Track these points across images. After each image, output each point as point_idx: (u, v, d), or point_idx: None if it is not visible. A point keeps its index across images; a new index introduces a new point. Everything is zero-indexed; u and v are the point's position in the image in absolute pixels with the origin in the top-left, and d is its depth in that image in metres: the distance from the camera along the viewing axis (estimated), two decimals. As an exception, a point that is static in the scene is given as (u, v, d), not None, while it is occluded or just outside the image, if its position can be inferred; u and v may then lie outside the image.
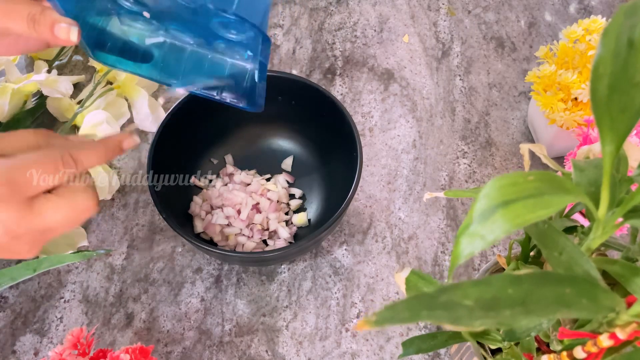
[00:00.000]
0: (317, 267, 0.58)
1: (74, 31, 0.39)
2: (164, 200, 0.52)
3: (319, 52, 0.75)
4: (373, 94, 0.71)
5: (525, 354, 0.35)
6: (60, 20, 0.38)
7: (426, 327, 0.55)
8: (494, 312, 0.21)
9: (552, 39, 0.77)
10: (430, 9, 0.79)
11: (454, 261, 0.24)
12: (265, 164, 0.63)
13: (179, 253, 0.59)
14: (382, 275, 0.58)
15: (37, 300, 0.56)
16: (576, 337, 0.29)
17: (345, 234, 0.60)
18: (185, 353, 0.53)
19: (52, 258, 0.49)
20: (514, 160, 0.66)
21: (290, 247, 0.50)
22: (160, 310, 0.56)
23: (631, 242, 0.33)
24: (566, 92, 0.58)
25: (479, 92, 0.72)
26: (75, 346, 0.45)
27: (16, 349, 0.53)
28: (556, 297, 0.22)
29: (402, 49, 0.75)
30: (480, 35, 0.77)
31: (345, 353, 0.53)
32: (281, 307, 0.56)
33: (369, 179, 0.64)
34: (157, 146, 0.54)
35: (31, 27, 0.38)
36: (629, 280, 0.27)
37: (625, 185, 0.30)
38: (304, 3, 0.79)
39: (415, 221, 0.61)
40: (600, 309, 0.24)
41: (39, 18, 0.38)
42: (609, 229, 0.28)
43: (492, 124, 0.69)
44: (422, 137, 0.67)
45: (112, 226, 0.61)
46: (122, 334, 0.54)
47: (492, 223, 0.23)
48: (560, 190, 0.24)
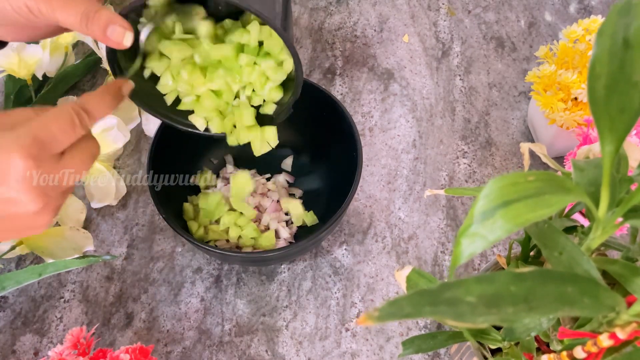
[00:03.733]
0: (317, 267, 0.58)
1: (128, 36, 0.38)
2: (164, 200, 0.52)
3: (318, 52, 0.75)
4: (373, 94, 0.71)
5: (525, 353, 0.35)
6: (116, 22, 0.38)
7: (426, 327, 0.55)
8: (496, 308, 0.21)
9: (552, 39, 0.77)
10: (430, 9, 0.79)
11: (455, 261, 0.24)
12: (265, 163, 0.63)
13: (179, 253, 0.59)
14: (382, 275, 0.58)
15: (37, 300, 0.56)
16: (576, 336, 0.29)
17: (345, 234, 0.60)
18: (185, 353, 0.53)
19: (58, 263, 0.49)
20: (514, 160, 0.66)
21: (290, 247, 0.50)
22: (160, 310, 0.56)
23: (631, 242, 0.33)
24: (566, 92, 0.58)
25: (479, 92, 0.72)
26: (75, 346, 0.45)
27: (16, 349, 0.53)
28: (558, 295, 0.22)
29: (402, 49, 0.75)
30: (480, 35, 0.77)
31: (345, 353, 0.53)
32: (281, 307, 0.56)
33: (369, 179, 0.64)
34: (157, 146, 0.54)
35: (84, 24, 0.37)
36: (629, 280, 0.27)
37: (625, 185, 0.30)
38: (304, 3, 0.79)
39: (415, 221, 0.61)
40: (602, 307, 0.24)
41: (93, 16, 0.37)
42: (609, 229, 0.28)
43: (492, 124, 0.69)
44: (422, 137, 0.67)
45: (112, 226, 0.61)
46: (122, 333, 0.54)
47: (492, 223, 0.23)
48: (561, 190, 0.24)
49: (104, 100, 0.38)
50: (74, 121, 0.35)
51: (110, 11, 0.38)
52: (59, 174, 0.35)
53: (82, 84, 0.71)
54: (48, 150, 0.34)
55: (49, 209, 0.36)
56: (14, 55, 0.61)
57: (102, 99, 0.38)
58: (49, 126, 0.34)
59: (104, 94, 0.39)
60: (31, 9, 0.37)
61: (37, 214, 0.35)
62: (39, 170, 0.34)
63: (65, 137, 0.35)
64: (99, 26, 0.37)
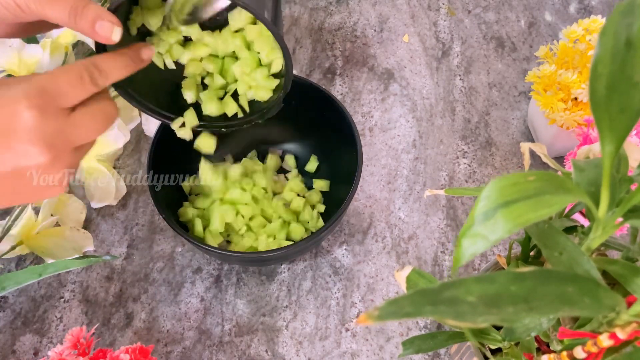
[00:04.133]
0: (317, 267, 0.58)
1: (117, 31, 0.38)
2: (164, 200, 0.52)
3: (319, 52, 0.75)
4: (373, 94, 0.71)
5: (525, 354, 0.35)
6: (104, 17, 0.37)
7: (426, 327, 0.55)
8: (496, 308, 0.21)
9: (552, 39, 0.77)
10: (430, 9, 0.79)
11: (457, 262, 0.24)
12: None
13: (179, 253, 0.59)
14: (382, 275, 0.58)
15: (37, 300, 0.56)
16: (576, 337, 0.29)
17: (345, 234, 0.60)
18: (185, 353, 0.53)
19: (58, 263, 0.49)
20: (514, 160, 0.66)
21: (290, 247, 0.50)
22: (160, 310, 0.56)
23: (631, 242, 0.33)
24: (566, 92, 0.58)
25: (479, 92, 0.72)
26: (75, 346, 0.45)
27: (16, 349, 0.53)
28: (559, 295, 0.22)
29: (402, 49, 0.75)
30: (480, 35, 0.77)
31: (345, 353, 0.54)
32: (281, 307, 0.56)
33: (369, 179, 0.64)
34: (157, 146, 0.54)
35: (72, 19, 0.37)
36: (629, 280, 0.27)
37: (625, 185, 0.30)
38: (304, 3, 0.79)
39: (415, 221, 0.61)
40: (602, 307, 0.24)
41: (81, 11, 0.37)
42: (609, 229, 0.28)
43: (492, 124, 0.69)
44: (422, 137, 0.67)
45: (111, 226, 0.61)
46: (122, 333, 0.54)
47: (493, 223, 0.23)
48: (561, 190, 0.24)
49: (120, 60, 0.38)
50: (83, 76, 0.35)
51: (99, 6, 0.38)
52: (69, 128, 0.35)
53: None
54: (55, 103, 0.34)
55: (59, 163, 0.35)
56: (14, 55, 0.61)
57: (118, 59, 0.38)
58: (56, 79, 0.34)
59: (121, 54, 0.38)
60: (19, 4, 0.37)
61: (47, 167, 0.34)
62: (44, 121, 0.33)
63: (73, 91, 0.35)
64: (87, 21, 0.37)
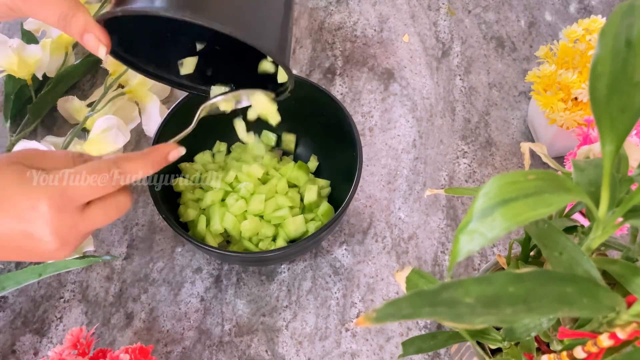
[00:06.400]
0: (317, 267, 0.58)
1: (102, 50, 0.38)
2: (164, 200, 0.52)
3: (318, 51, 0.75)
4: (373, 94, 0.71)
5: (525, 354, 0.34)
6: (91, 31, 0.38)
7: (426, 327, 0.55)
8: (495, 309, 0.21)
9: (552, 39, 0.77)
10: (430, 9, 0.79)
11: (453, 258, 0.23)
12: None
13: (179, 253, 0.59)
14: (382, 275, 0.58)
15: (37, 300, 0.56)
16: (576, 337, 0.29)
17: (345, 234, 0.60)
18: (185, 353, 0.53)
19: (58, 263, 0.49)
20: (514, 160, 0.66)
21: (290, 247, 0.50)
22: (160, 310, 0.56)
23: (631, 242, 0.33)
24: (566, 92, 0.58)
25: (479, 91, 0.72)
26: (75, 346, 0.45)
27: (16, 349, 0.53)
28: (557, 295, 0.22)
29: (402, 49, 0.75)
30: (480, 35, 0.77)
31: (345, 353, 0.53)
32: (281, 307, 0.56)
33: (369, 179, 0.64)
34: (157, 146, 0.54)
35: (62, 23, 0.37)
36: (629, 280, 0.27)
37: (625, 185, 0.30)
38: (304, 3, 0.79)
39: (415, 221, 0.61)
40: (601, 308, 0.24)
41: (70, 20, 0.37)
42: (609, 229, 0.28)
43: (492, 124, 0.69)
44: (422, 136, 0.67)
45: (111, 226, 0.61)
46: (121, 333, 0.54)
47: (492, 221, 0.23)
48: (561, 189, 0.24)
49: (145, 164, 0.39)
50: (105, 180, 0.37)
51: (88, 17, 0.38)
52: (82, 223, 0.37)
53: (82, 84, 0.72)
54: (74, 203, 0.36)
55: (66, 248, 0.38)
56: (14, 55, 0.61)
57: (143, 162, 0.39)
58: (79, 184, 0.36)
59: (147, 158, 0.39)
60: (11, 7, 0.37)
61: (57, 251, 0.37)
62: (60, 219, 0.36)
63: (92, 194, 0.37)
64: (77, 31, 0.38)
